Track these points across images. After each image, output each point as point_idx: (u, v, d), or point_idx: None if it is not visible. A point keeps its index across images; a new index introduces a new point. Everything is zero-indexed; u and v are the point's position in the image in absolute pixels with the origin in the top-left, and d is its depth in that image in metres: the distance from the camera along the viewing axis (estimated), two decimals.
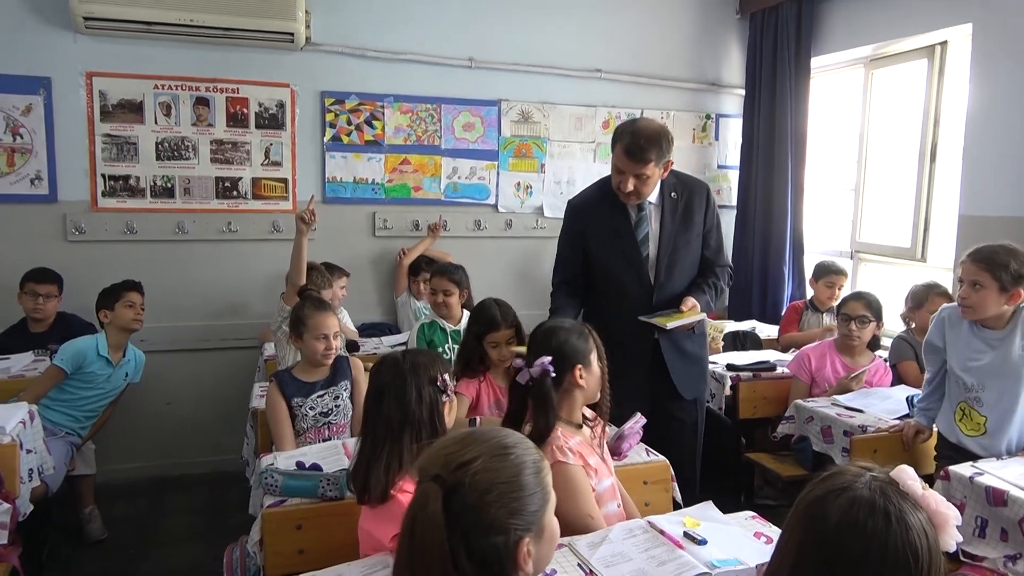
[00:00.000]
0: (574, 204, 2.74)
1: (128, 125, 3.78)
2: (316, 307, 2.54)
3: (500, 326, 2.58)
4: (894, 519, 0.94)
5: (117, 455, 3.82)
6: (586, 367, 1.88)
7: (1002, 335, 2.32)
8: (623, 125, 2.55)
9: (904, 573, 0.92)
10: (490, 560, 0.98)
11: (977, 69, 3.39)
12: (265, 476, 1.87)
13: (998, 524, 1.96)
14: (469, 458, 1.02)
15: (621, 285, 2.61)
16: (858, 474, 1.00)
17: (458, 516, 0.97)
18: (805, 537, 0.99)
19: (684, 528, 1.67)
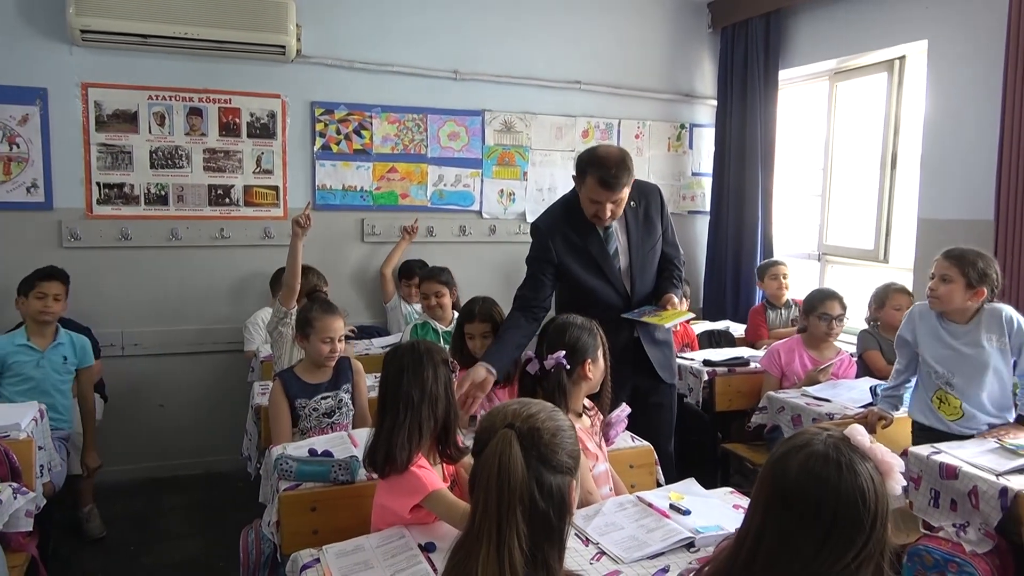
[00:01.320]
0: (541, 227, 2.72)
1: (123, 135, 3.87)
2: (324, 310, 2.64)
3: (475, 319, 2.74)
4: (844, 467, 1.10)
5: (113, 456, 3.87)
6: (594, 361, 2.07)
7: (966, 330, 2.53)
8: (585, 156, 2.58)
9: (854, 512, 1.08)
10: (555, 495, 1.15)
11: (933, 82, 3.63)
12: (280, 462, 2.00)
13: (948, 495, 2.16)
14: (534, 411, 1.21)
15: (597, 297, 2.66)
16: (816, 433, 1.17)
17: (533, 455, 1.15)
18: (771, 490, 1.15)
19: (670, 501, 1.83)
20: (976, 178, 3.36)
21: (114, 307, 3.92)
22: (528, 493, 1.12)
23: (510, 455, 1.13)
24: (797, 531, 1.10)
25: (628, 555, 1.60)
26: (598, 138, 4.76)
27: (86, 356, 3.32)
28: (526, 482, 1.13)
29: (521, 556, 1.10)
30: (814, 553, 1.09)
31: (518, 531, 1.10)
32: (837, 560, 1.08)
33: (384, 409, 1.80)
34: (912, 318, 2.68)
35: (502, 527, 1.10)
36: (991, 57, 3.25)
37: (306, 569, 1.56)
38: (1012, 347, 2.49)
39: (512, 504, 1.11)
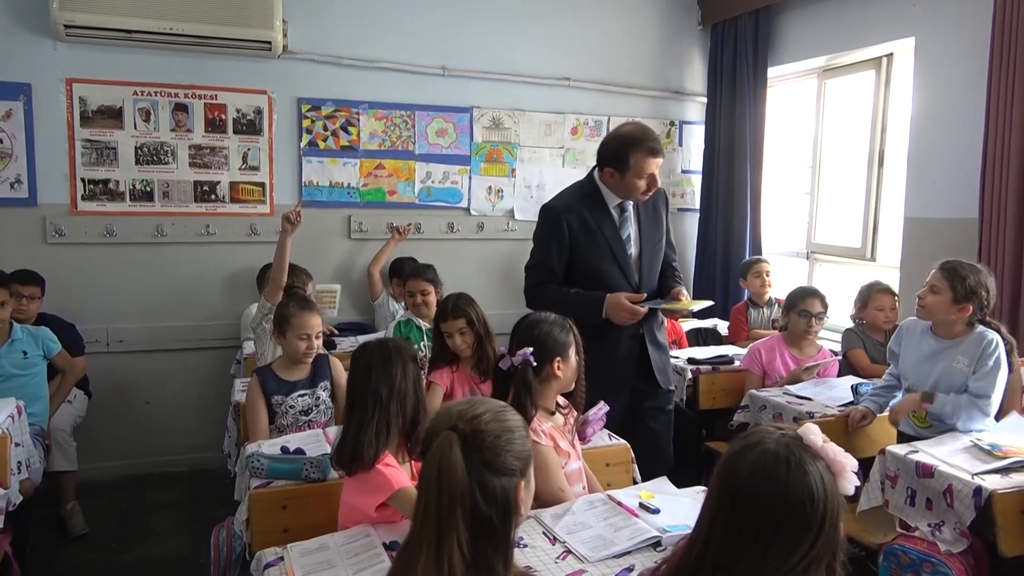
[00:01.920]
0: (555, 207, 2.71)
1: (107, 130, 3.86)
2: (300, 306, 2.62)
3: (447, 316, 2.72)
4: (793, 467, 1.09)
5: (97, 453, 3.89)
6: (564, 359, 2.03)
7: (949, 345, 2.52)
8: (617, 141, 2.60)
9: (802, 511, 1.07)
10: (499, 498, 1.14)
11: (920, 80, 3.62)
12: (252, 460, 2.00)
13: (924, 494, 2.15)
14: (479, 412, 1.19)
15: (608, 285, 2.64)
16: (770, 432, 1.16)
17: (476, 458, 1.13)
18: (722, 487, 1.15)
19: (640, 500, 1.82)
20: (962, 177, 3.35)
21: (99, 303, 3.91)
22: (470, 496, 1.11)
23: (450, 458, 1.12)
24: (746, 530, 1.10)
25: (594, 554, 1.59)
26: (587, 135, 4.75)
27: (50, 345, 3.28)
28: (467, 485, 1.11)
29: (462, 560, 1.08)
30: (762, 552, 1.08)
31: (459, 535, 1.09)
32: (785, 560, 1.07)
33: (352, 406, 1.79)
34: (900, 331, 2.71)
35: (442, 531, 1.09)
36: (977, 55, 3.24)
37: (269, 567, 1.55)
38: (974, 369, 2.46)
39: (452, 508, 1.10)
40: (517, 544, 1.65)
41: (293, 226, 3.03)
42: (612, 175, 2.61)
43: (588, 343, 2.58)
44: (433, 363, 2.81)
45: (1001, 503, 1.98)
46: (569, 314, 2.56)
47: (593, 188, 2.71)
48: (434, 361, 2.82)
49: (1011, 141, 3.04)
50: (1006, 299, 3.06)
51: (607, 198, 2.69)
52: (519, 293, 4.57)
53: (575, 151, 4.75)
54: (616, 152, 2.58)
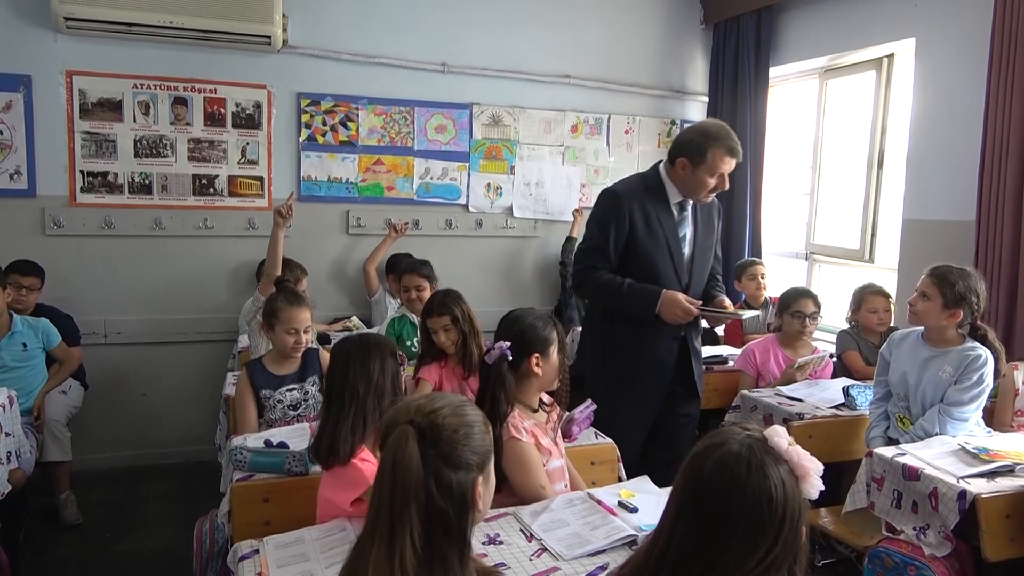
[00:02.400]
0: (619, 192, 2.65)
1: (107, 123, 3.88)
2: (289, 301, 2.63)
3: (432, 313, 2.73)
4: (754, 468, 1.09)
5: (93, 444, 3.92)
6: (544, 356, 2.02)
7: (938, 354, 2.52)
8: (699, 134, 2.57)
9: (759, 512, 1.07)
10: (455, 493, 1.12)
11: (920, 81, 3.59)
12: (235, 453, 2.00)
13: (910, 497, 2.14)
14: (438, 406, 1.18)
15: (659, 282, 2.62)
16: (736, 433, 1.16)
17: (432, 452, 1.12)
18: (684, 486, 1.14)
19: (619, 498, 1.82)
20: (960, 179, 3.33)
21: (97, 295, 3.93)
22: (425, 490, 1.10)
23: (405, 452, 1.11)
24: (704, 529, 1.09)
25: (569, 552, 1.59)
26: (587, 133, 4.74)
27: (50, 337, 3.34)
28: (421, 480, 1.10)
29: (415, 556, 1.08)
30: (719, 552, 1.07)
31: (412, 530, 1.08)
32: (742, 561, 1.07)
33: (330, 401, 1.80)
34: (892, 341, 2.71)
35: (395, 525, 1.08)
36: (977, 57, 3.21)
37: (244, 560, 1.56)
38: (956, 379, 2.46)
39: (406, 501, 1.09)
40: (493, 541, 1.66)
41: (285, 220, 3.04)
42: (684, 167, 2.57)
43: (628, 338, 2.66)
44: (422, 358, 2.82)
45: (985, 507, 1.97)
46: (620, 304, 2.63)
47: (657, 181, 2.67)
48: (423, 356, 2.82)
49: (1009, 143, 3.01)
50: (1002, 301, 3.03)
51: (670, 193, 2.66)
52: (516, 291, 4.67)
53: (575, 149, 4.74)
54: (696, 144, 2.55)
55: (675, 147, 2.63)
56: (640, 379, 2.68)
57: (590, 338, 2.89)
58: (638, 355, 2.68)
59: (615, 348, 2.72)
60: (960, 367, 2.46)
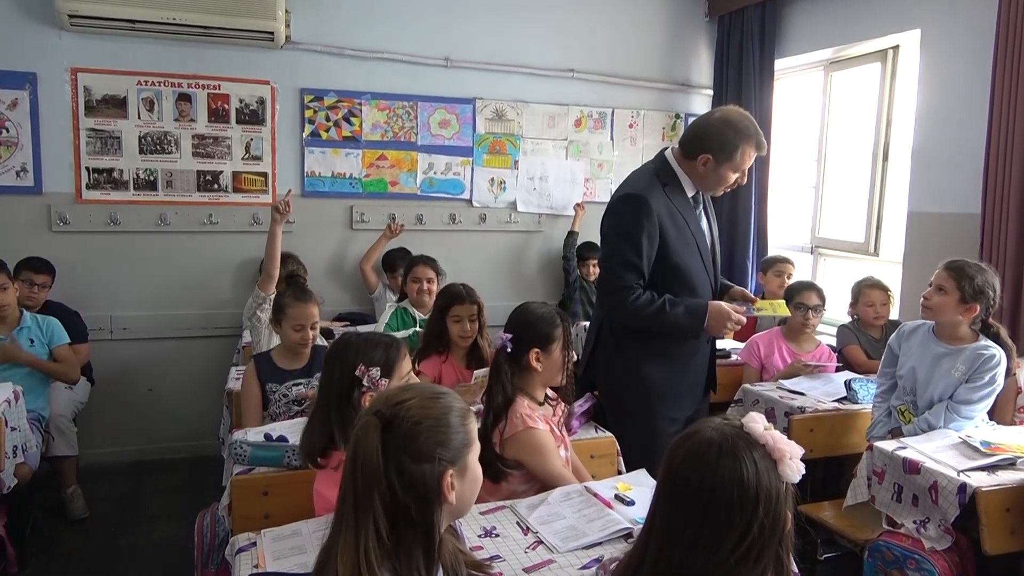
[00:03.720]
0: (643, 195, 2.33)
1: (112, 120, 3.90)
2: (297, 297, 2.64)
3: (464, 300, 2.75)
4: (725, 452, 1.09)
5: (100, 439, 3.96)
6: (544, 352, 2.03)
7: (950, 352, 2.48)
8: (730, 127, 2.31)
9: (730, 494, 1.07)
10: (418, 485, 1.13)
11: (925, 73, 3.56)
12: (235, 447, 2.02)
13: (911, 491, 2.13)
14: (405, 397, 1.18)
15: (693, 286, 2.41)
16: (712, 422, 1.16)
17: (392, 444, 1.13)
18: (663, 474, 1.16)
19: (616, 492, 1.82)
20: (965, 171, 3.31)
21: (103, 291, 3.96)
22: (387, 482, 1.10)
23: (367, 442, 1.12)
24: (680, 515, 1.10)
25: (564, 545, 1.60)
26: (591, 127, 4.73)
27: (55, 335, 3.33)
28: (382, 470, 1.10)
29: (379, 546, 1.08)
30: (695, 537, 1.08)
31: (376, 520, 1.08)
32: (719, 545, 1.07)
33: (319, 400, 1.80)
34: (902, 333, 2.67)
35: (359, 516, 1.09)
36: (982, 48, 3.19)
37: (241, 552, 1.57)
38: (968, 378, 2.44)
39: (369, 492, 1.09)
40: (489, 533, 1.67)
41: (283, 215, 3.05)
42: (706, 163, 2.33)
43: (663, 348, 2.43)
44: (423, 351, 2.83)
45: (985, 500, 1.96)
46: (666, 327, 2.34)
47: (670, 173, 2.40)
48: (425, 349, 2.83)
49: (1015, 135, 2.99)
50: (1008, 294, 3.00)
51: (685, 187, 2.42)
52: (520, 285, 4.67)
53: (578, 143, 4.73)
54: (727, 140, 2.29)
55: (696, 140, 2.35)
56: (679, 390, 2.49)
57: (616, 350, 2.51)
58: (678, 367, 2.47)
59: (648, 360, 2.44)
60: (973, 366, 2.42)
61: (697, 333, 2.38)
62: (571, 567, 1.52)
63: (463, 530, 1.64)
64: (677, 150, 2.44)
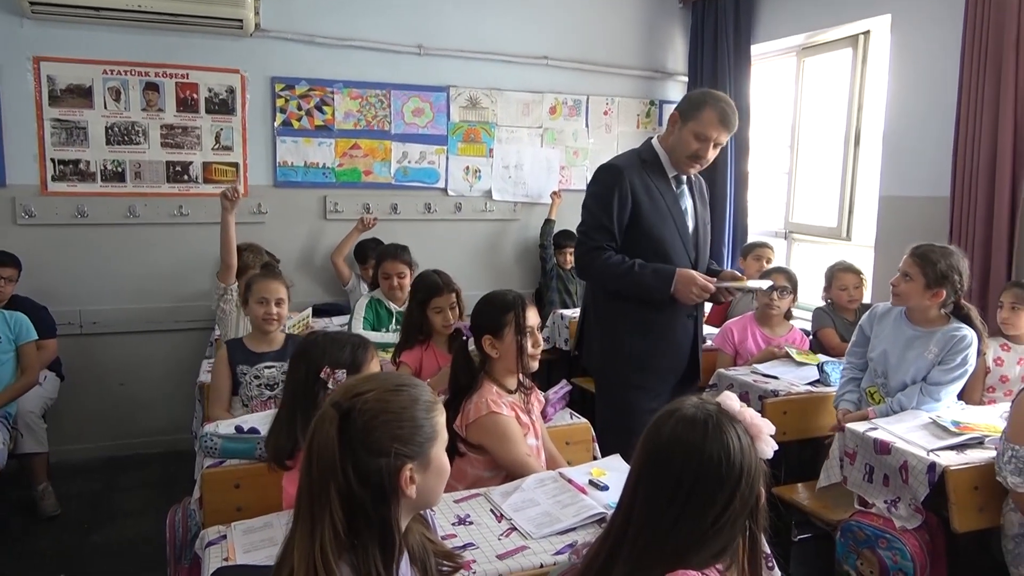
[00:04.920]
0: (617, 165, 2.52)
1: (77, 110, 3.82)
2: (263, 275, 2.68)
3: (442, 291, 2.73)
4: (710, 428, 1.12)
5: (72, 435, 3.90)
6: (497, 338, 2.04)
7: (922, 335, 2.50)
8: (698, 94, 2.48)
9: (717, 468, 1.09)
10: (374, 479, 1.11)
11: (895, 57, 3.59)
12: (205, 439, 1.99)
13: (882, 471, 2.16)
14: (365, 389, 1.15)
15: (669, 257, 2.50)
16: (689, 401, 1.17)
17: (348, 437, 1.10)
18: (643, 452, 1.16)
19: (591, 477, 1.82)
20: (935, 155, 3.33)
21: (71, 285, 3.88)
22: (344, 475, 1.08)
23: (323, 434, 1.10)
24: (664, 490, 1.11)
25: (538, 531, 1.59)
26: (565, 115, 4.72)
27: (23, 331, 3.26)
28: (339, 463, 1.08)
29: (335, 540, 1.06)
30: (678, 512, 1.10)
31: (332, 514, 1.07)
32: (701, 518, 1.09)
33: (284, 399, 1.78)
34: (874, 314, 2.69)
35: (315, 508, 1.07)
36: (951, 32, 3.21)
37: (211, 545, 1.55)
38: (940, 360, 2.47)
39: (325, 485, 1.08)
40: (463, 521, 1.66)
41: (232, 203, 3.02)
42: (675, 122, 2.47)
43: (643, 320, 2.52)
44: (405, 343, 2.80)
45: (954, 479, 1.99)
46: (630, 287, 2.46)
47: (653, 155, 2.56)
48: (406, 341, 2.80)
49: (982, 119, 3.02)
50: (976, 276, 3.04)
51: (666, 167, 2.55)
52: (497, 274, 4.66)
53: (553, 131, 4.71)
54: (694, 100, 2.45)
55: (675, 107, 2.55)
56: (660, 364, 2.57)
57: (599, 323, 2.65)
58: (656, 338, 2.55)
59: (631, 332, 2.55)
60: (945, 347, 2.45)
61: (664, 296, 2.44)
62: (545, 553, 1.52)
63: (436, 519, 1.63)
64: (662, 134, 2.59)
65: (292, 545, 1.08)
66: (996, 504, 2.03)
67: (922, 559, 2.07)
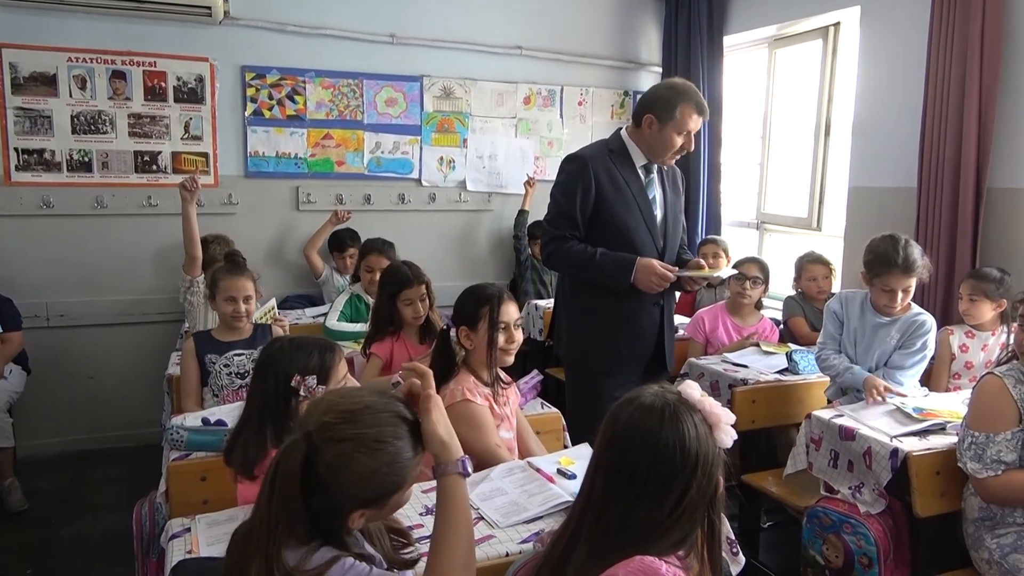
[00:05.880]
0: (582, 154, 2.55)
1: (41, 98, 3.74)
2: (229, 271, 2.64)
3: (412, 283, 2.72)
4: (667, 417, 1.13)
5: (40, 430, 3.84)
6: (472, 330, 2.07)
7: (885, 322, 2.55)
8: (670, 90, 2.49)
9: (672, 456, 1.10)
10: (323, 518, 1.10)
11: (864, 49, 3.62)
12: (171, 432, 1.97)
13: (846, 457, 2.19)
14: (342, 436, 1.10)
15: (635, 246, 2.52)
16: (650, 390, 1.18)
17: (309, 477, 1.08)
18: (603, 440, 1.18)
19: (559, 466, 1.83)
20: (903, 146, 3.38)
21: (37, 277, 3.82)
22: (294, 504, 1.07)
23: (288, 465, 1.08)
24: (621, 477, 1.13)
25: (505, 520, 1.60)
26: (540, 105, 4.71)
27: None
28: (296, 496, 1.07)
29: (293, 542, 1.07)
30: (634, 498, 1.11)
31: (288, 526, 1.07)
32: (658, 506, 1.10)
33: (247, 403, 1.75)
34: (843, 299, 2.71)
35: (270, 536, 1.06)
36: (918, 24, 3.24)
37: (175, 538, 1.54)
38: (901, 344, 2.52)
39: (286, 511, 1.07)
40: (431, 511, 1.65)
41: (192, 194, 2.99)
42: (651, 124, 2.49)
43: (609, 307, 2.55)
44: (375, 334, 2.79)
45: (917, 465, 2.02)
46: (593, 275, 2.51)
47: (620, 145, 2.59)
48: (377, 332, 2.79)
49: (948, 110, 3.06)
50: (942, 266, 3.10)
51: (634, 156, 2.58)
52: (472, 265, 4.65)
53: (528, 121, 4.70)
54: (665, 100, 2.46)
55: (641, 105, 2.55)
56: (625, 351, 2.60)
57: (566, 310, 2.72)
58: (621, 325, 2.57)
59: (596, 319, 2.59)
60: (906, 333, 2.52)
61: (625, 284, 2.47)
62: (511, 542, 1.52)
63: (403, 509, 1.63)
64: (630, 125, 2.62)
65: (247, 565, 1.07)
66: (957, 489, 2.06)
67: (885, 543, 2.10)
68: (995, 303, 2.72)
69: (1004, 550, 1.91)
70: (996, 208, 3.03)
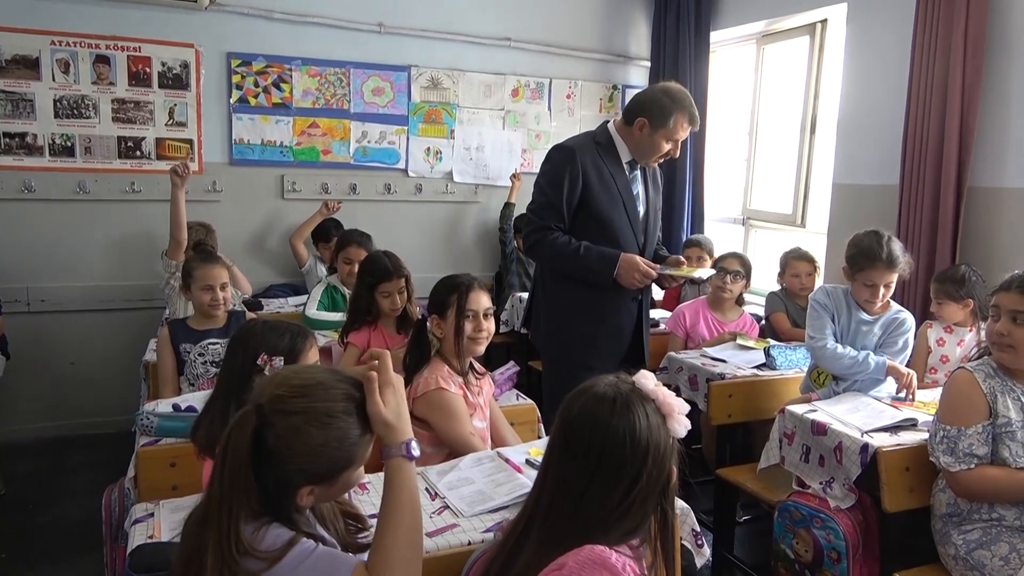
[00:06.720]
0: (570, 145, 2.54)
1: (23, 82, 3.71)
2: (203, 259, 2.64)
3: (392, 276, 2.71)
4: (618, 406, 1.13)
5: (19, 415, 3.83)
6: (442, 318, 2.08)
7: (870, 321, 2.54)
8: (666, 98, 2.48)
9: (622, 445, 1.11)
10: (272, 492, 1.10)
11: (850, 46, 3.62)
12: (141, 417, 1.96)
13: (818, 451, 2.20)
14: (293, 409, 1.10)
15: (617, 240, 2.53)
16: (605, 379, 1.19)
17: (259, 449, 1.08)
18: (556, 429, 1.18)
19: (528, 456, 1.83)
20: (886, 143, 3.38)
21: (18, 262, 3.80)
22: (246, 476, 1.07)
23: (239, 437, 1.07)
24: (572, 465, 1.13)
25: (470, 509, 1.60)
26: (528, 97, 4.70)
27: None
28: (245, 468, 1.07)
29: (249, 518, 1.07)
30: (585, 486, 1.12)
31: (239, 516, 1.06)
32: (608, 494, 1.10)
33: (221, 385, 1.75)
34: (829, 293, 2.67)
35: (222, 511, 1.05)
36: (904, 22, 3.25)
37: (137, 523, 1.53)
38: (882, 342, 2.53)
39: (235, 486, 1.06)
40: None
41: (182, 179, 2.98)
42: (643, 127, 2.49)
43: (588, 301, 2.57)
44: (353, 324, 2.78)
45: (886, 460, 2.03)
46: (575, 269, 2.51)
47: (607, 139, 2.58)
48: (354, 321, 2.78)
49: (931, 109, 3.06)
50: (922, 264, 3.11)
51: (620, 152, 2.58)
52: (457, 256, 4.65)
53: (516, 113, 4.69)
54: (660, 107, 2.46)
55: (635, 106, 2.53)
56: (603, 343, 2.61)
57: (545, 301, 2.71)
58: (600, 319, 2.59)
59: (575, 312, 2.59)
60: (887, 330, 2.52)
61: (607, 279, 2.48)
62: (474, 531, 1.52)
63: (370, 497, 1.63)
64: (619, 120, 2.62)
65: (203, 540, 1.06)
66: (926, 485, 2.07)
67: (855, 538, 2.11)
68: (961, 303, 2.74)
69: (970, 546, 1.92)
70: (976, 207, 3.04)
